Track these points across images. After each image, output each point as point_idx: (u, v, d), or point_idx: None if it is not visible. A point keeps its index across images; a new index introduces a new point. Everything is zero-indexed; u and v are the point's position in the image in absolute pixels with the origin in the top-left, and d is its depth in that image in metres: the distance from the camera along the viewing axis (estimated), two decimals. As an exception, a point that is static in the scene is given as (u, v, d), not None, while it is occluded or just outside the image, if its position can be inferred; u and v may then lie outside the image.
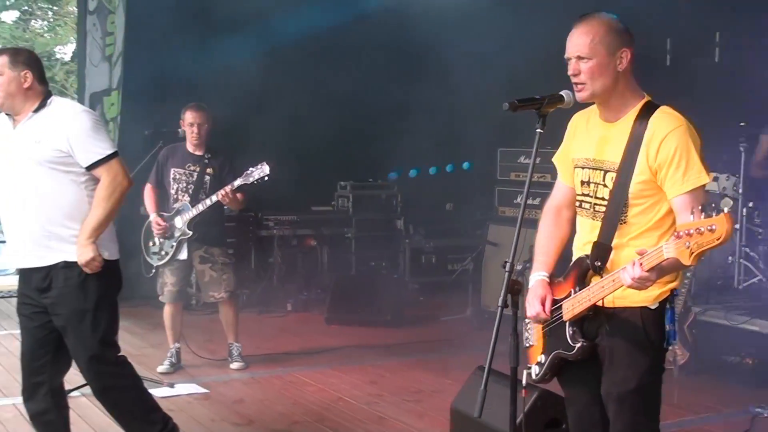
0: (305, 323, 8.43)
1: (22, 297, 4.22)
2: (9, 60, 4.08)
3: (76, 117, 4.06)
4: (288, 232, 9.44)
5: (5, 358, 6.83)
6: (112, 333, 4.21)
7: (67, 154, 4.00)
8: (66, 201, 4.05)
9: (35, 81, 4.10)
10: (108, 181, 4.06)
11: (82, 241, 4.01)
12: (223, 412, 5.62)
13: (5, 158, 4.10)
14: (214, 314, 7.31)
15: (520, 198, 8.23)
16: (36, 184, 4.01)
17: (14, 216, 4.09)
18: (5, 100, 4.07)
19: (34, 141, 4.01)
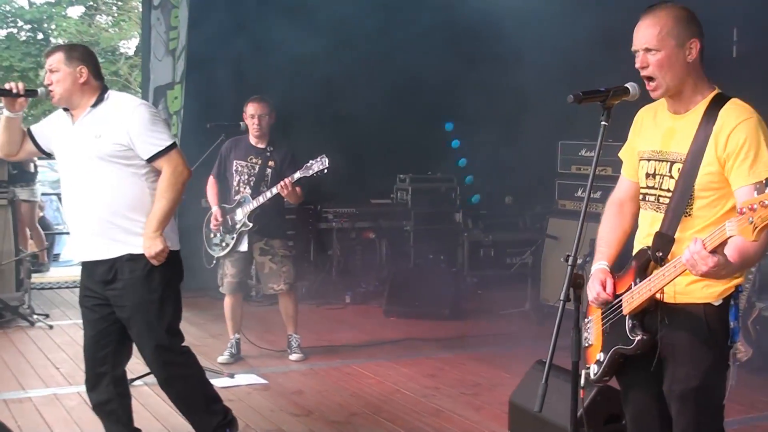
0: (363, 315, 8.45)
1: (84, 290, 4.30)
2: (64, 56, 4.14)
3: (135, 110, 4.11)
4: (347, 225, 9.46)
5: (70, 348, 6.96)
6: (176, 322, 4.28)
7: (127, 147, 4.05)
8: (128, 194, 4.10)
9: (91, 76, 4.16)
10: (169, 172, 4.11)
11: (150, 233, 4.06)
12: (281, 402, 5.65)
13: (66, 154, 4.17)
14: (273, 305, 7.36)
15: (580, 191, 8.16)
16: (98, 179, 4.07)
17: (78, 210, 4.16)
18: (62, 96, 4.14)
19: (94, 136, 4.07)
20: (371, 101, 9.33)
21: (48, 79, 4.14)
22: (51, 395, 5.70)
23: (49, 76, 4.14)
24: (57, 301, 8.87)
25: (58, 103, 4.18)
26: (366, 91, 9.28)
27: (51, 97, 4.15)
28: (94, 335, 4.28)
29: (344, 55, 9.27)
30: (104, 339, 4.24)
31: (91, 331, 4.28)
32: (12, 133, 4.29)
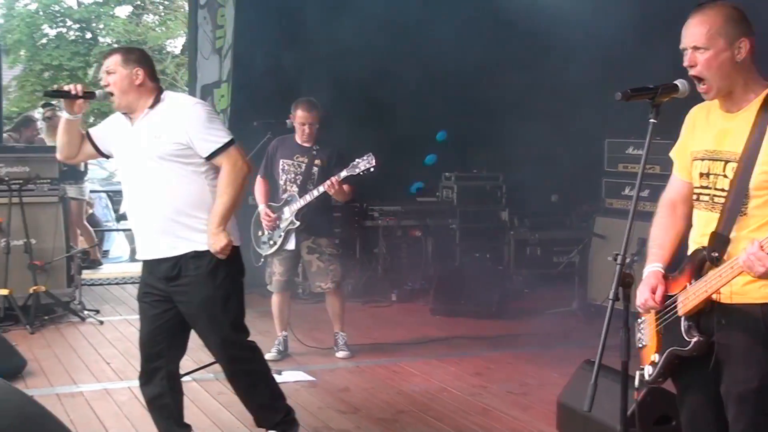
0: (409, 314, 8.47)
1: (145, 286, 4.37)
2: (121, 58, 4.21)
3: (192, 109, 4.20)
4: (393, 223, 9.48)
5: (120, 343, 7.07)
6: (241, 317, 4.37)
7: (186, 146, 4.12)
8: (190, 192, 4.18)
9: (147, 78, 4.22)
10: (229, 168, 4.17)
11: (213, 229, 4.13)
12: (329, 399, 5.69)
13: (127, 155, 4.26)
14: (320, 303, 7.40)
15: (628, 190, 8.09)
16: (160, 178, 4.14)
17: (141, 210, 4.24)
18: (120, 98, 4.20)
19: (153, 137, 4.14)
20: (415, 98, 9.34)
21: (105, 80, 4.22)
22: (102, 390, 5.80)
23: (106, 77, 4.21)
24: (107, 297, 9.01)
25: (117, 108, 4.25)
26: (410, 88, 9.28)
27: (110, 100, 4.22)
28: (151, 330, 4.35)
29: (390, 52, 9.26)
30: (161, 334, 4.31)
31: (149, 326, 4.36)
32: (71, 136, 4.37)
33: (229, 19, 9.17)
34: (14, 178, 7.70)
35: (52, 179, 8.03)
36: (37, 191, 7.86)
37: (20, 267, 7.56)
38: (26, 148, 8.75)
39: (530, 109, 9.37)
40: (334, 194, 6.34)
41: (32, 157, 8.07)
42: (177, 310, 4.28)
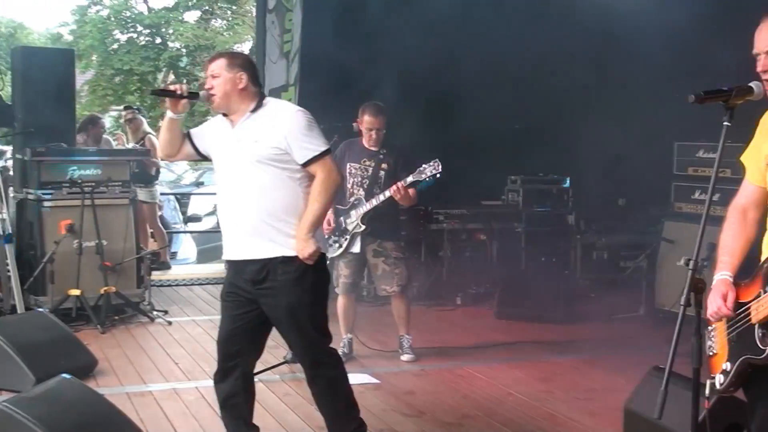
0: (474, 317, 8.45)
1: (229, 286, 4.43)
2: (226, 62, 4.30)
3: (293, 116, 4.26)
4: (458, 226, 9.47)
5: (188, 344, 7.17)
6: (325, 323, 4.42)
7: (284, 151, 4.20)
8: (284, 196, 4.24)
9: (250, 82, 4.31)
10: (323, 176, 4.24)
11: (303, 235, 4.20)
12: (393, 402, 5.71)
13: (225, 157, 4.34)
14: (384, 306, 7.43)
15: (697, 193, 7.96)
16: (255, 181, 4.22)
17: (234, 211, 4.31)
18: (221, 100, 4.29)
19: (253, 140, 4.22)
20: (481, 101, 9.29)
21: (209, 83, 4.31)
22: (170, 389, 5.89)
23: (210, 80, 4.30)
24: (175, 298, 9.15)
25: (217, 108, 4.34)
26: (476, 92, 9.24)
27: (211, 101, 4.31)
28: (230, 329, 4.40)
29: (455, 52, 9.26)
30: (240, 334, 4.36)
31: (229, 325, 4.41)
32: (173, 134, 4.46)
33: (297, 24, 9.26)
34: (86, 181, 7.89)
35: (123, 181, 8.20)
36: (108, 193, 8.04)
37: (92, 268, 7.72)
38: (98, 152, 8.94)
39: (597, 110, 9.28)
40: (399, 199, 6.35)
41: (104, 160, 8.27)
42: (259, 311, 4.34)
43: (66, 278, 7.58)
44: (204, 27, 26.33)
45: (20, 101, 8.25)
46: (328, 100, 8.61)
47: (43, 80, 8.12)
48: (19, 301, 7.26)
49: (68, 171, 7.92)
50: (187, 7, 26.92)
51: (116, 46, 26.75)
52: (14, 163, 8.67)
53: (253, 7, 23.22)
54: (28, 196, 7.99)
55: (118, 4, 26.75)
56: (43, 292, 7.67)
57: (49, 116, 8.05)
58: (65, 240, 7.60)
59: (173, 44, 26.80)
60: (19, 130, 7.96)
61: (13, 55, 9.12)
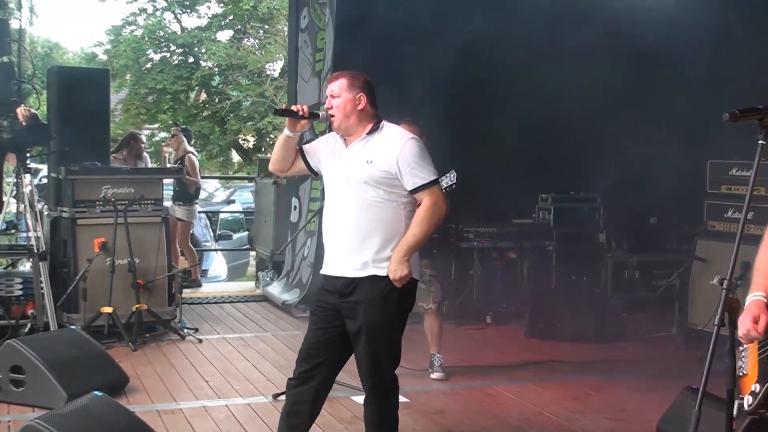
0: (505, 336, 8.41)
1: (319, 300, 4.46)
2: (347, 83, 4.37)
3: (407, 143, 4.30)
4: (488, 245, 9.43)
5: (218, 362, 7.18)
6: (399, 347, 4.41)
7: (394, 176, 4.26)
8: (387, 219, 4.28)
9: (368, 104, 4.39)
10: (430, 204, 4.28)
11: (399, 257, 4.22)
12: (423, 421, 5.68)
13: (336, 175, 4.40)
14: (413, 324, 7.34)
15: (731, 212, 7.89)
16: (362, 201, 4.27)
17: (338, 228, 4.36)
18: (342, 121, 4.35)
19: (365, 161, 4.28)
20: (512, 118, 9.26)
21: (329, 103, 4.37)
22: (200, 407, 5.89)
23: (330, 100, 4.37)
24: (206, 315, 9.18)
25: (336, 129, 4.39)
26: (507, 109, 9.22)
27: (331, 121, 4.37)
28: (314, 342, 4.38)
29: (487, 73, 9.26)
30: (322, 347, 4.35)
31: (314, 338, 4.40)
32: (288, 151, 4.52)
33: (329, 43, 9.28)
34: (120, 199, 7.98)
35: (155, 200, 8.27)
36: (141, 212, 8.11)
37: (124, 285, 7.78)
38: (131, 170, 9.04)
39: (629, 126, 9.23)
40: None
41: (137, 178, 8.36)
42: (344, 327, 4.34)
43: (98, 296, 7.65)
44: (236, 46, 26.46)
45: (56, 120, 8.34)
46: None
47: (78, 100, 8.21)
48: (52, 318, 7.31)
49: (102, 189, 8.00)
50: (219, 27, 27.12)
51: (150, 65, 27.00)
52: (49, 182, 8.76)
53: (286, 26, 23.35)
54: (62, 214, 8.07)
55: (152, 24, 27.02)
56: (75, 309, 7.74)
57: (84, 135, 8.16)
58: (98, 258, 7.68)
59: (206, 63, 26.99)
60: (55, 148, 8.03)
61: (49, 74, 9.22)
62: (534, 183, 9.91)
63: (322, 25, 9.58)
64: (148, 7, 27.21)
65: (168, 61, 27.04)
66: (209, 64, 26.86)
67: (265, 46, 26.64)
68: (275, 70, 27.07)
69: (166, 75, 26.18)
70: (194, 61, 27.21)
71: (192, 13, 27.78)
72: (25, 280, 7.69)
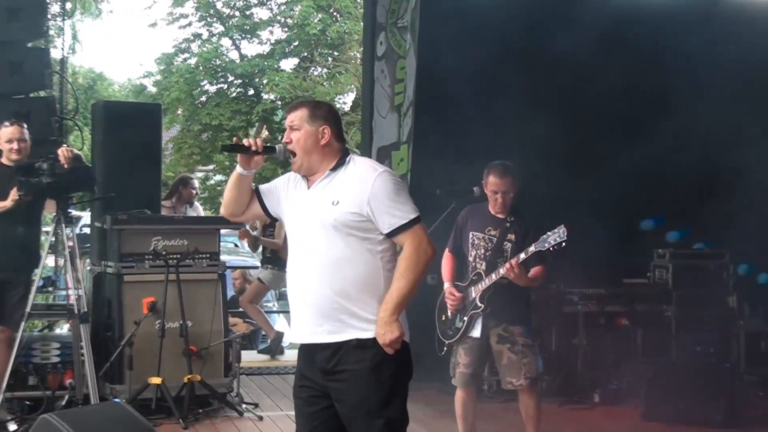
0: (616, 418, 8.28)
1: (301, 378, 4.36)
2: (308, 113, 4.31)
3: (378, 178, 4.20)
4: (595, 309, 9.31)
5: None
6: (404, 426, 4.28)
7: (366, 218, 4.16)
8: (362, 271, 4.18)
9: (333, 137, 4.31)
10: (412, 249, 4.17)
11: (386, 317, 4.10)
12: None
13: (297, 221, 4.32)
14: (509, 402, 7.31)
15: None
16: (329, 251, 4.18)
17: (304, 285, 4.26)
18: (303, 159, 4.30)
19: (330, 202, 4.19)
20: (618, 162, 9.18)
21: (287, 136, 4.33)
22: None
23: (289, 133, 4.33)
24: (267, 388, 9.19)
25: (296, 167, 4.35)
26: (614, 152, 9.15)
27: (292, 161, 4.33)
28: (308, 430, 4.34)
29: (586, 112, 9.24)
30: None
31: (306, 426, 4.34)
32: (241, 192, 4.50)
33: (411, 73, 9.28)
34: (171, 253, 8.04)
35: (211, 254, 8.32)
36: (195, 267, 8.17)
37: (174, 353, 7.81)
38: (185, 219, 9.18)
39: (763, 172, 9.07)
40: (514, 278, 6.25)
41: (191, 229, 8.45)
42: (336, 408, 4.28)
43: (146, 364, 7.68)
44: (302, 76, 26.72)
45: (101, 162, 8.54)
46: (446, 159, 8.63)
47: (127, 138, 8.39)
48: (93, 389, 7.34)
49: (152, 241, 8.09)
50: (283, 54, 27.49)
51: (204, 98, 27.50)
52: (92, 232, 8.91)
53: (359, 53, 23.54)
54: (107, 270, 8.20)
55: (208, 51, 27.51)
56: (120, 379, 7.80)
57: (132, 179, 8.32)
58: (146, 320, 7.74)
59: (268, 96, 27.38)
60: (99, 194, 8.16)
61: (93, 110, 9.41)
62: (648, 235, 9.80)
63: (402, 52, 9.63)
64: (203, 33, 27.83)
65: (225, 94, 27.52)
66: (271, 97, 27.22)
67: (335, 75, 26.88)
68: (346, 103, 27.25)
69: (223, 109, 26.58)
70: (254, 94, 27.66)
71: (252, 39, 28.28)
72: (63, 345, 7.80)
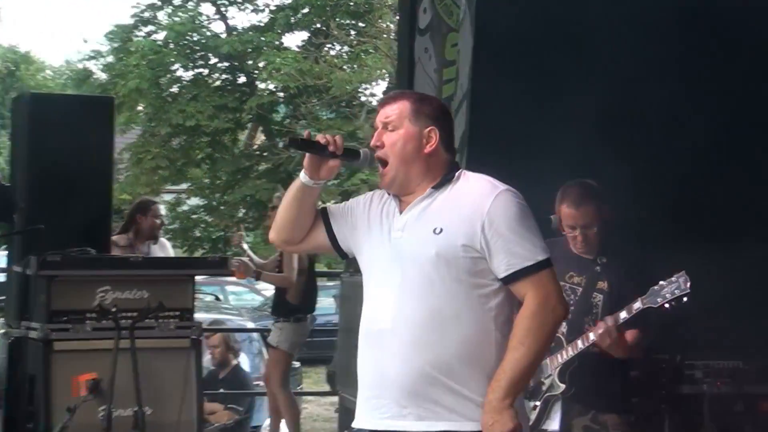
0: None
1: None
2: (411, 108, 4.35)
3: (499, 198, 4.23)
4: (728, 390, 9.26)
5: None
6: None
7: (479, 254, 4.20)
8: (468, 334, 4.22)
9: (441, 145, 4.35)
10: (536, 304, 4.19)
11: (497, 402, 4.13)
12: None
13: (379, 257, 4.37)
14: None
15: None
16: (426, 303, 4.20)
17: (384, 349, 4.28)
18: (397, 171, 4.32)
19: (431, 230, 4.23)
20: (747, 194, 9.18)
21: (377, 138, 4.36)
22: None
23: (381, 134, 4.36)
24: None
25: (390, 184, 4.37)
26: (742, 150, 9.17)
27: (380, 172, 4.34)
28: None
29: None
30: None
31: None
32: (303, 210, 4.51)
33: (466, 52, 9.10)
34: (125, 309, 7.90)
35: (182, 311, 8.26)
36: (159, 330, 8.10)
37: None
38: (146, 262, 9.07)
39: None
40: (608, 347, 6.26)
41: (154, 276, 8.37)
42: None
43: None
44: (314, 57, 26.17)
45: (24, 179, 8.50)
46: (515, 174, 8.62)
47: (62, 146, 8.37)
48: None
49: (96, 293, 8.04)
50: (287, 26, 27.19)
51: (176, 89, 27.39)
52: (9, 280, 8.81)
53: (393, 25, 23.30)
54: (29, 333, 8.11)
55: (181, 22, 27.17)
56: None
57: (70, 205, 8.28)
58: (85, 406, 7.69)
59: (264, 85, 27.23)
60: (21, 226, 8.13)
61: (15, 105, 9.37)
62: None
63: (454, 23, 9.54)
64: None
65: (205, 83, 27.38)
66: (270, 87, 27.12)
67: (360, 56, 26.58)
68: (375, 95, 27.00)
69: (202, 104, 26.16)
70: (247, 82, 27.56)
71: (244, 4, 28.06)
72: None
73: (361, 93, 27.04)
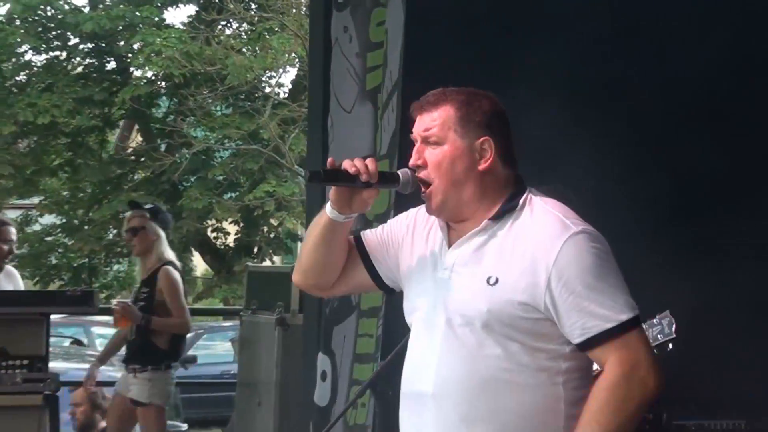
0: None
1: None
2: (457, 115, 4.31)
3: (570, 243, 4.19)
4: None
5: None
6: None
7: (543, 315, 4.18)
8: (529, 404, 4.22)
9: (498, 158, 4.31)
10: (619, 372, 4.15)
11: None
12: None
13: (426, 302, 4.36)
14: None
15: None
16: (476, 365, 4.21)
17: (422, 413, 4.32)
18: (446, 195, 4.28)
19: (484, 279, 4.21)
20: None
21: (418, 156, 4.33)
22: None
23: (422, 150, 4.33)
24: None
25: (436, 211, 4.34)
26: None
27: (424, 194, 4.31)
28: None
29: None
30: None
31: None
32: (334, 250, 4.52)
33: (396, 33, 9.09)
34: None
35: (32, 359, 8.27)
36: (2, 383, 8.13)
37: None
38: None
39: None
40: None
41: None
42: None
43: None
44: (204, 37, 26.23)
45: None
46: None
47: None
48: None
49: None
50: (171, -1, 27.35)
51: (23, 76, 27.35)
52: None
53: None
54: None
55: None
56: None
57: None
58: None
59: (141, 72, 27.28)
60: None
61: None
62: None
63: (382, -4, 9.53)
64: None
65: (63, 69, 27.40)
66: (148, 74, 27.17)
67: (262, 36, 26.70)
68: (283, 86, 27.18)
69: (59, 97, 26.22)
70: (118, 69, 27.57)
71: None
72: None
73: (265, 83, 27.23)
